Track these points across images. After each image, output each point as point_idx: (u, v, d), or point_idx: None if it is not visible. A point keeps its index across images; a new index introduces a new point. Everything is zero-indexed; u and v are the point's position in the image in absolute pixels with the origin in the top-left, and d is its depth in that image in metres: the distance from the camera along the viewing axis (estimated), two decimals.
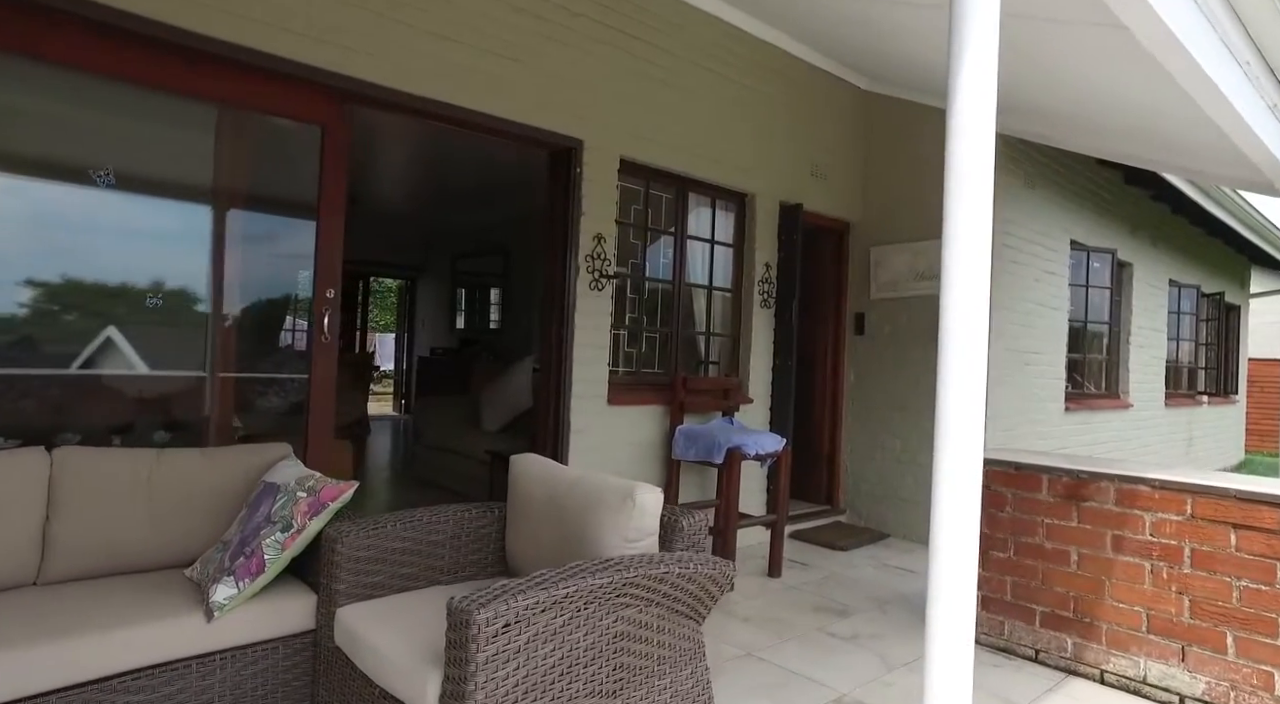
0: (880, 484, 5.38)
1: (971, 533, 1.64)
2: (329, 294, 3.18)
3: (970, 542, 1.64)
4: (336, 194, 3.19)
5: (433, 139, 6.19)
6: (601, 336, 4.06)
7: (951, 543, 1.64)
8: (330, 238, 3.18)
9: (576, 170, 3.93)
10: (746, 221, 4.97)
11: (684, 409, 4.29)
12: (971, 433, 1.63)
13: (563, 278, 3.93)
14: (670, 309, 4.61)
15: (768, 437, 4.15)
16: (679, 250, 4.60)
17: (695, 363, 4.88)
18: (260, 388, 3.51)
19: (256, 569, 2.01)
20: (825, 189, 5.39)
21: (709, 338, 4.87)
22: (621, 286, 4.38)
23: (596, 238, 4.01)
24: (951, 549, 1.64)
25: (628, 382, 4.33)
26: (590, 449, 4.01)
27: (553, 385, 3.96)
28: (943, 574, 1.66)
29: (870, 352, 5.52)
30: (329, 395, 3.20)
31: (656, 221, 4.52)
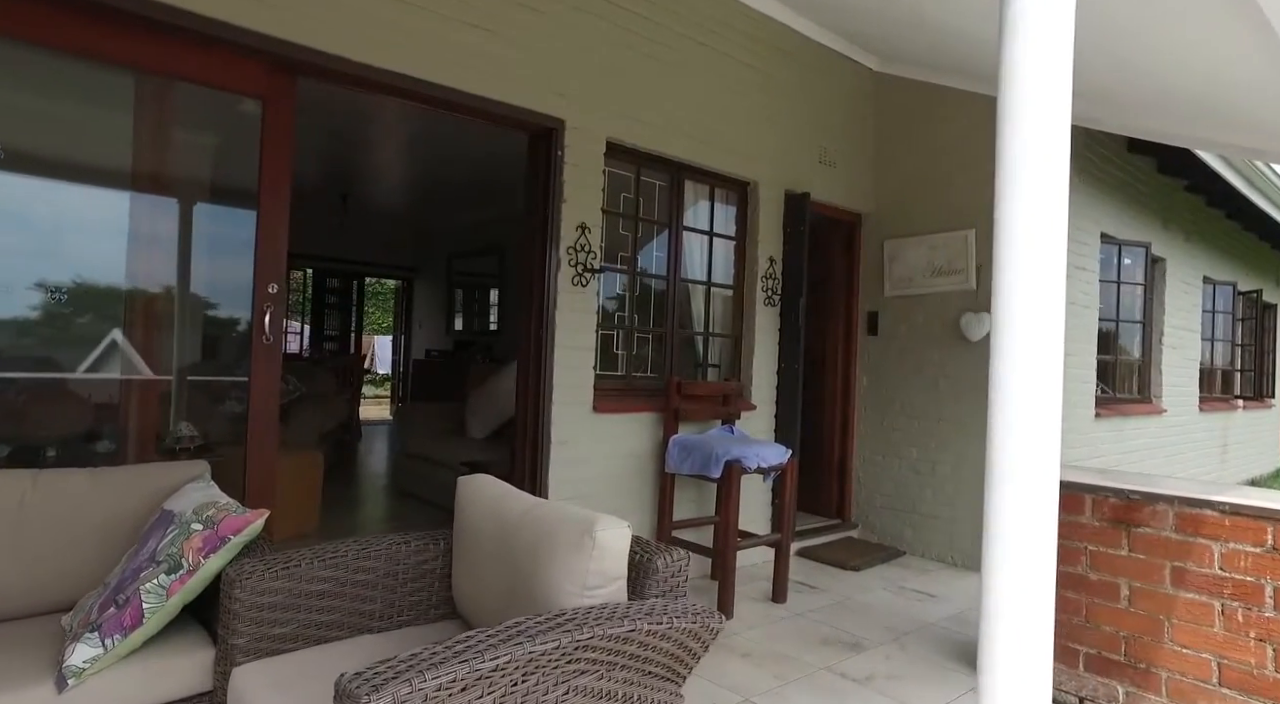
0: (896, 497, 4.96)
1: (1046, 577, 1.28)
2: (271, 289, 2.81)
3: (1044, 590, 1.28)
4: (279, 177, 2.82)
5: (425, 132, 5.85)
6: (586, 337, 3.68)
7: (1016, 590, 1.30)
8: (272, 226, 2.81)
9: (557, 153, 3.55)
10: (749, 212, 4.57)
11: (679, 417, 3.90)
12: (1044, 453, 1.27)
13: (542, 272, 3.55)
14: (665, 307, 4.22)
15: (771, 448, 3.75)
16: (674, 243, 4.21)
17: (692, 366, 4.49)
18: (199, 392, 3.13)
19: (131, 622, 1.63)
20: (834, 177, 4.98)
21: (708, 339, 4.48)
22: (609, 282, 3.99)
23: (580, 228, 3.62)
24: (1016, 599, 1.29)
25: (616, 387, 3.94)
26: (573, 462, 3.62)
27: (531, 391, 3.58)
28: (1001, 628, 1.31)
29: (884, 353, 5.11)
30: (272, 402, 2.83)
31: (649, 211, 4.13)
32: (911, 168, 5.02)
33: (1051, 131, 1.36)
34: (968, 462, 4.59)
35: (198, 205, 3.04)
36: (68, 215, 2.71)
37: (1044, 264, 1.36)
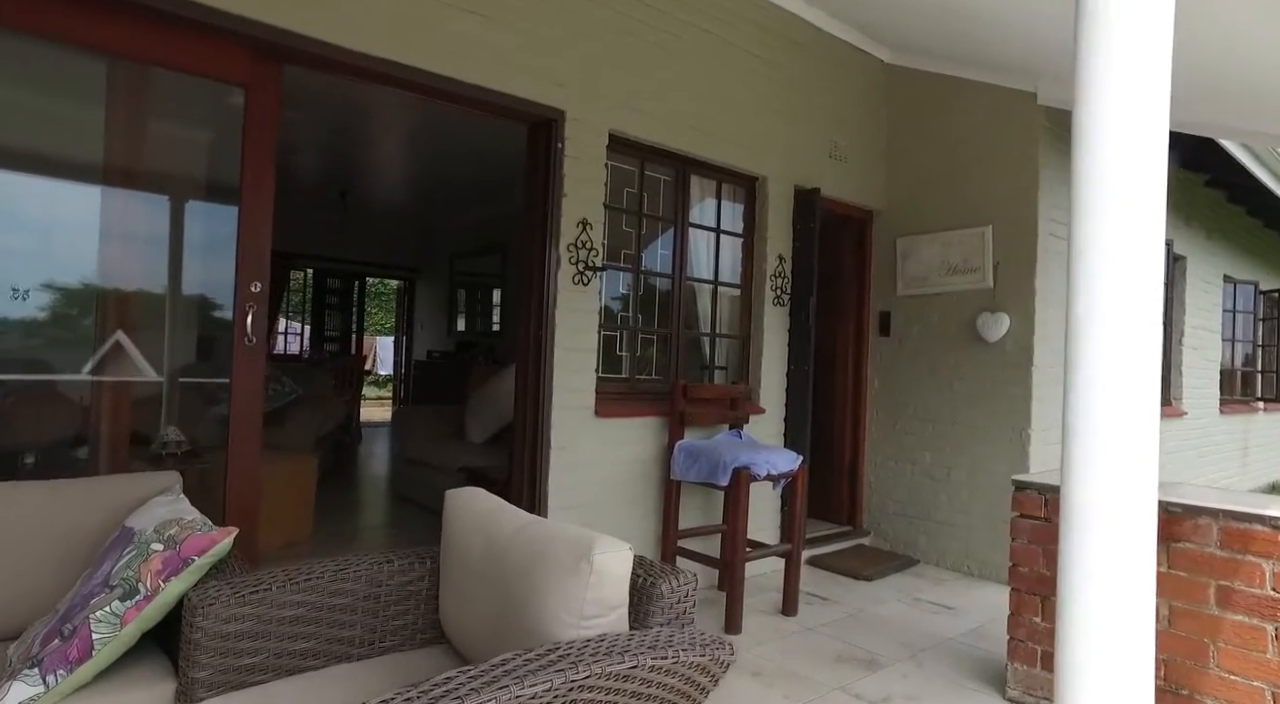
0: (910, 503, 4.79)
1: (1145, 617, 1.10)
2: (254, 288, 2.65)
3: (1142, 622, 1.10)
4: (262, 170, 2.66)
5: (426, 127, 5.70)
6: (588, 338, 3.51)
7: (1103, 621, 1.12)
8: (255, 222, 2.66)
9: (557, 145, 3.39)
10: (757, 208, 4.40)
11: (685, 421, 3.73)
12: (1140, 464, 1.11)
13: (542, 270, 3.39)
14: (670, 307, 4.06)
15: (781, 454, 3.58)
16: (680, 240, 4.05)
17: (699, 368, 4.32)
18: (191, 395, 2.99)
19: (79, 655, 1.47)
20: (845, 173, 4.81)
21: (714, 340, 4.31)
22: (612, 281, 3.83)
23: (581, 224, 3.46)
24: (1104, 629, 1.12)
25: (619, 390, 3.78)
26: (574, 468, 3.46)
27: (531, 395, 3.42)
28: (1086, 658, 1.15)
29: (897, 354, 4.94)
30: (255, 407, 2.67)
31: (654, 207, 3.96)
32: (925, 162, 4.84)
33: (1146, 136, 1.18)
34: (983, 467, 4.41)
35: (190, 203, 2.90)
36: (54, 213, 2.57)
37: (1140, 285, 1.18)
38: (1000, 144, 4.41)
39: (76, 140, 2.59)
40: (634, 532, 3.70)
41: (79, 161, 2.60)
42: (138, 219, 2.68)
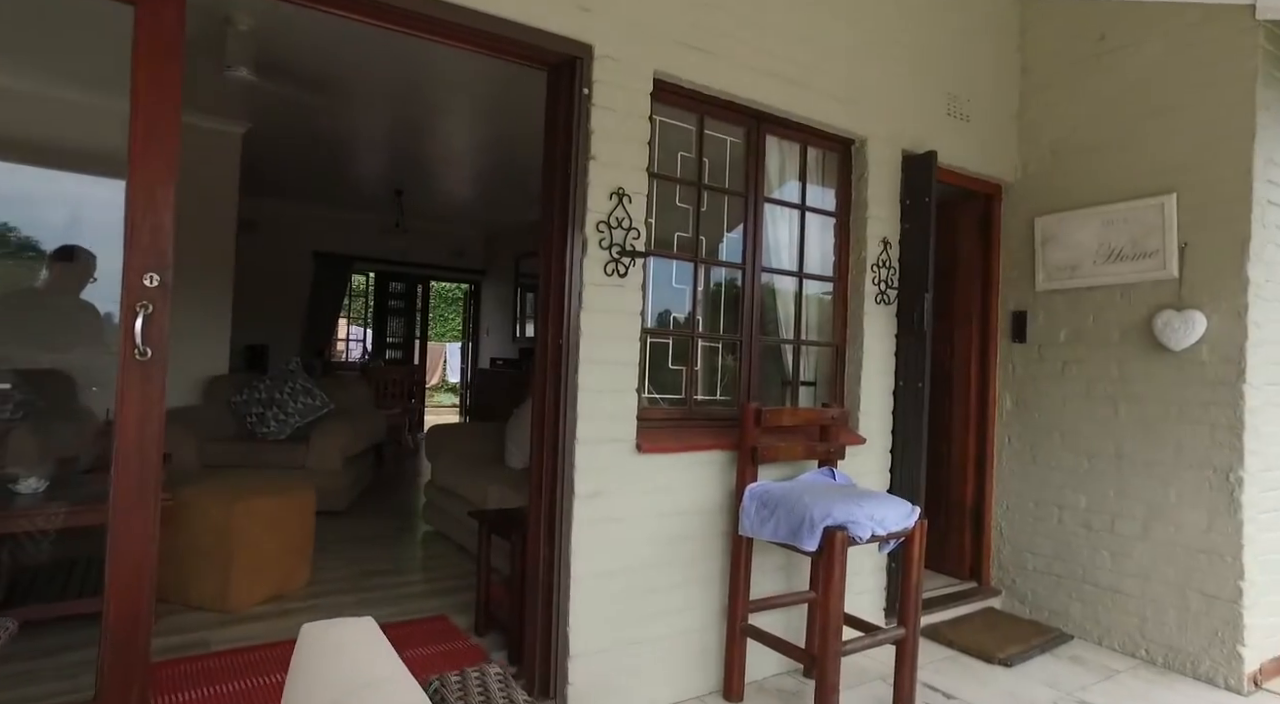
0: (1058, 559, 3.68)
1: None
2: (149, 282, 1.93)
3: None
4: (162, 120, 1.94)
5: (483, 112, 5.05)
6: (626, 348, 2.65)
7: None
8: (150, 189, 1.93)
9: (582, 91, 2.55)
10: (854, 180, 3.43)
11: (759, 458, 2.81)
12: None
13: (562, 257, 2.56)
14: (739, 307, 3.15)
15: (889, 504, 2.61)
16: (752, 220, 3.13)
17: (778, 386, 3.39)
18: None
19: None
20: (967, 135, 3.77)
21: (798, 349, 3.37)
22: (661, 274, 2.96)
23: (616, 195, 2.60)
24: None
25: (671, 416, 2.90)
26: (607, 521, 2.60)
27: (549, 423, 2.58)
28: None
29: (1036, 366, 3.84)
30: (150, 445, 1.94)
31: (717, 177, 3.07)
32: (1076, 118, 3.74)
33: None
34: (1166, 517, 3.29)
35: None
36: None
37: None
38: (1191, 83, 3.28)
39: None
40: (691, 604, 2.81)
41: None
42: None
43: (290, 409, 5.22)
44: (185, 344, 5.49)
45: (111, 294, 1.92)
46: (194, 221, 5.60)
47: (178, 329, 5.58)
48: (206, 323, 5.61)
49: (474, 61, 4.27)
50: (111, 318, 3.24)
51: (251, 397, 5.21)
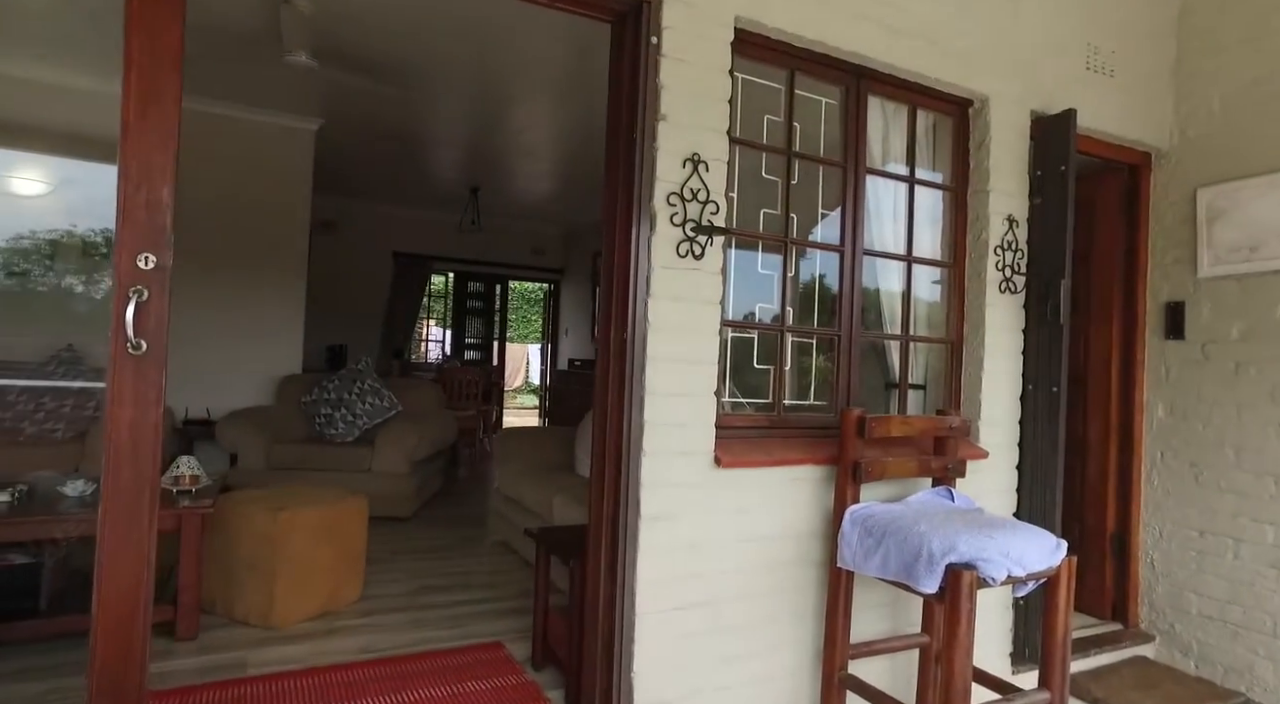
0: (1234, 604, 3.03)
1: None
2: (144, 263, 1.66)
3: None
4: (160, 77, 1.67)
5: (564, 99, 4.79)
6: (702, 344, 2.25)
7: None
8: (146, 162, 1.67)
9: (650, 40, 2.16)
10: (973, 147, 2.91)
11: (861, 474, 2.35)
12: None
13: (627, 237, 2.18)
14: (836, 296, 2.69)
15: (1028, 537, 2.10)
16: (852, 195, 2.67)
17: (882, 389, 2.91)
18: None
19: None
20: (1110, 93, 3.18)
21: (906, 346, 2.87)
22: (745, 261, 2.54)
23: (690, 162, 2.20)
24: None
25: (757, 424, 2.47)
26: (678, 549, 2.20)
27: (612, 431, 2.21)
28: None
29: (1199, 368, 3.20)
30: (145, 448, 1.68)
31: (809, 144, 2.62)
32: (1254, 66, 3.08)
33: None
34: None
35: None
36: None
37: None
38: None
39: None
40: (777, 646, 2.37)
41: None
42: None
43: (358, 410, 5.06)
44: (258, 343, 5.44)
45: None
46: (267, 220, 5.57)
47: (252, 328, 5.55)
48: (280, 322, 5.54)
49: (548, 43, 4.00)
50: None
51: (320, 397, 5.08)
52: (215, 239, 5.26)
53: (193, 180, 5.20)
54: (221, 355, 5.29)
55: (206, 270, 5.24)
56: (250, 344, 5.39)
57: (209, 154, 5.25)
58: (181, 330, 5.19)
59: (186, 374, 5.19)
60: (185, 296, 5.20)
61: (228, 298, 5.32)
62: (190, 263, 5.22)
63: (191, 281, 5.22)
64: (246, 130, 5.36)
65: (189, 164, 5.31)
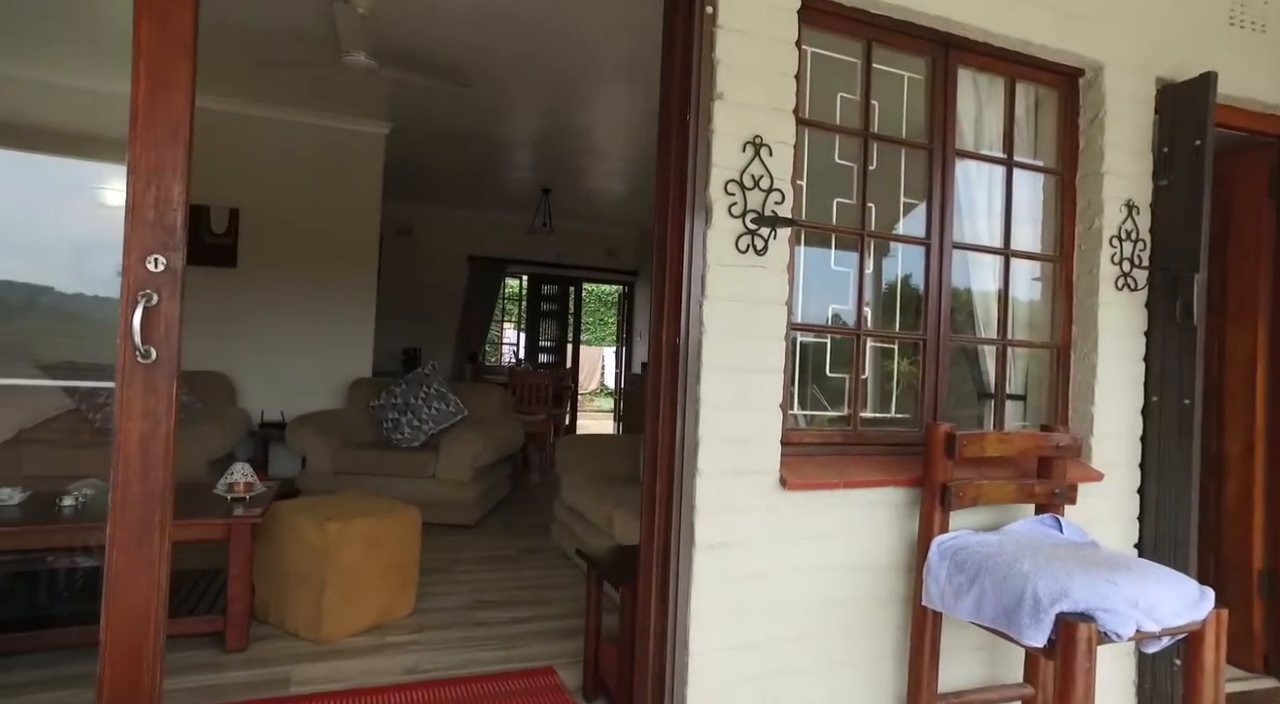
0: None
1: None
2: (154, 265, 1.55)
3: None
4: (170, 66, 1.56)
5: (635, 96, 4.64)
6: (766, 349, 2.00)
7: None
8: (157, 158, 1.56)
9: (706, 9, 1.93)
10: (1084, 123, 2.55)
11: (951, 499, 2.04)
12: None
13: (679, 230, 1.95)
14: (921, 296, 2.38)
15: (1162, 583, 1.75)
16: (939, 181, 2.36)
17: (974, 400, 2.58)
18: None
19: None
20: (1258, 52, 2.73)
21: (1003, 352, 2.53)
22: (816, 259, 2.27)
23: (751, 146, 1.96)
24: None
25: (825, 440, 2.19)
26: (739, 580, 1.96)
27: (661, 448, 1.99)
28: None
29: None
30: (156, 460, 1.56)
31: (890, 125, 2.33)
32: None
33: None
34: None
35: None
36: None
37: None
38: None
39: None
40: (853, 694, 2.10)
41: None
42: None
43: (424, 415, 5.02)
44: (331, 347, 5.48)
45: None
46: (339, 225, 5.61)
47: (324, 333, 5.57)
48: (351, 325, 5.58)
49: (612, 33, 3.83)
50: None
51: (388, 401, 5.06)
52: (289, 245, 5.33)
53: (265, 187, 5.33)
54: (295, 359, 5.36)
55: (281, 276, 5.31)
56: (323, 348, 5.45)
57: (280, 161, 5.33)
58: (257, 334, 5.30)
59: (262, 377, 5.28)
60: (260, 301, 5.31)
61: (301, 302, 5.39)
62: (265, 268, 5.32)
63: (266, 287, 5.31)
64: (317, 136, 5.41)
65: (262, 171, 5.38)
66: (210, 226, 5.12)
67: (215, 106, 5.03)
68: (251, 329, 5.28)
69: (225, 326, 5.21)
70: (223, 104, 5.07)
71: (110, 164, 4.21)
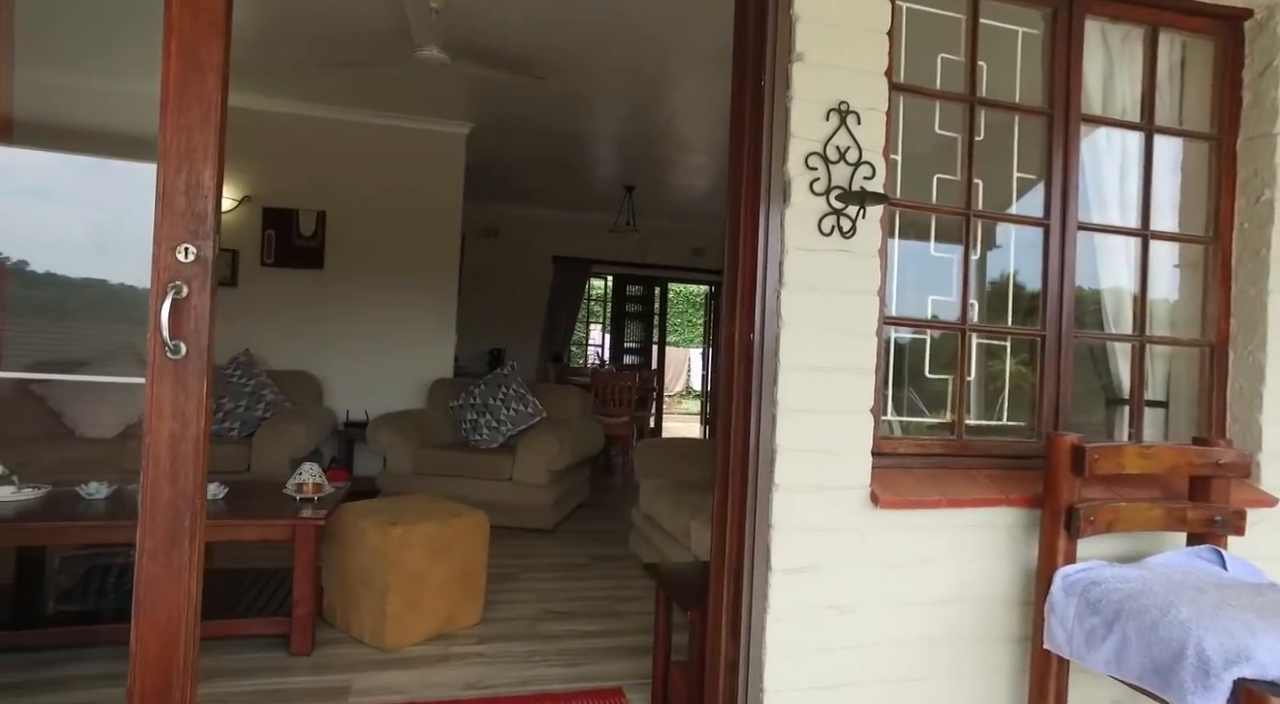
0: None
1: None
2: (183, 256, 1.46)
3: None
4: (202, 44, 1.47)
5: (718, 82, 4.45)
6: (854, 346, 1.74)
7: None
8: (187, 141, 1.47)
9: None
10: (1248, 78, 2.15)
11: (1076, 523, 1.72)
12: None
13: (753, 211, 1.73)
14: (1041, 285, 2.05)
15: None
16: (1061, 151, 2.03)
17: (1103, 407, 2.22)
18: None
19: None
20: None
21: (1141, 351, 2.16)
22: (913, 250, 1.99)
23: (836, 113, 1.71)
24: None
25: (924, 451, 1.91)
26: (820, 613, 1.71)
27: (733, 458, 1.76)
28: None
29: None
30: (185, 461, 1.47)
31: (1001, 86, 2.02)
32: None
33: None
34: None
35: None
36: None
37: None
38: None
39: None
40: None
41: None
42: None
43: (502, 416, 4.95)
44: (412, 347, 5.52)
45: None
46: (420, 226, 5.64)
47: (406, 333, 5.60)
48: (433, 326, 5.60)
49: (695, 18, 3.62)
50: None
51: (466, 402, 5.02)
52: (373, 246, 5.39)
53: (351, 190, 5.41)
54: (379, 359, 5.41)
55: (365, 277, 5.38)
56: (405, 348, 5.49)
57: (366, 163, 5.40)
58: (343, 335, 5.38)
59: (348, 377, 5.36)
60: (346, 302, 5.38)
61: (385, 303, 5.44)
62: (350, 270, 5.39)
63: (351, 288, 5.39)
64: (400, 138, 5.45)
65: (348, 174, 5.42)
66: (299, 229, 5.23)
67: (303, 112, 5.14)
68: (338, 329, 5.37)
69: (313, 327, 5.32)
70: (310, 110, 5.18)
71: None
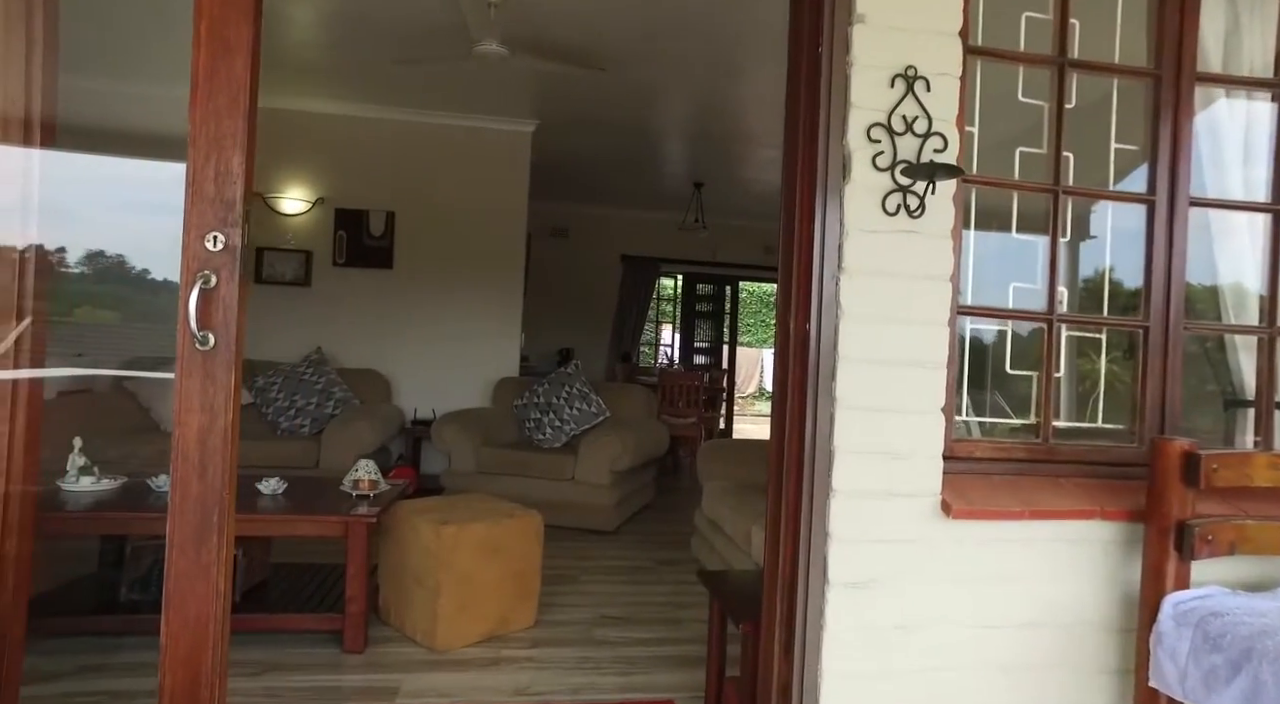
0: None
1: None
2: (212, 244, 1.42)
3: None
4: (232, 24, 1.43)
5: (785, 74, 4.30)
6: (924, 337, 1.57)
7: None
8: (216, 126, 1.43)
9: None
10: None
11: (1188, 542, 1.50)
12: None
13: (809, 189, 1.58)
14: (1144, 271, 1.82)
15: None
16: (1170, 119, 1.79)
17: (1218, 410, 1.96)
18: None
19: None
20: None
21: (1272, 347, 1.89)
22: (989, 214, 1.79)
23: (902, 79, 1.54)
24: None
25: (1003, 455, 1.71)
26: (883, 633, 1.54)
27: (788, 460, 1.62)
28: None
29: None
30: (215, 455, 1.44)
31: (1095, 47, 1.80)
32: None
33: None
34: None
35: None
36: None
37: None
38: None
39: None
40: None
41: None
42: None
43: (565, 416, 4.90)
44: (478, 346, 5.54)
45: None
46: (487, 225, 5.66)
47: (472, 332, 5.62)
48: (498, 325, 5.61)
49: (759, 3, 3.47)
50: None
51: (530, 401, 5.00)
52: (441, 246, 5.44)
53: (419, 189, 5.47)
54: (445, 357, 5.46)
55: (433, 276, 5.43)
56: (471, 347, 5.52)
57: (433, 163, 5.45)
58: (411, 333, 5.44)
59: (415, 375, 5.43)
60: (414, 301, 5.44)
61: (451, 302, 5.48)
62: (418, 269, 5.45)
63: (419, 287, 5.45)
64: (466, 137, 5.48)
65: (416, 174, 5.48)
66: (369, 229, 5.32)
67: (373, 114, 5.24)
68: (406, 328, 5.44)
69: (382, 326, 5.41)
70: (380, 112, 5.26)
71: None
